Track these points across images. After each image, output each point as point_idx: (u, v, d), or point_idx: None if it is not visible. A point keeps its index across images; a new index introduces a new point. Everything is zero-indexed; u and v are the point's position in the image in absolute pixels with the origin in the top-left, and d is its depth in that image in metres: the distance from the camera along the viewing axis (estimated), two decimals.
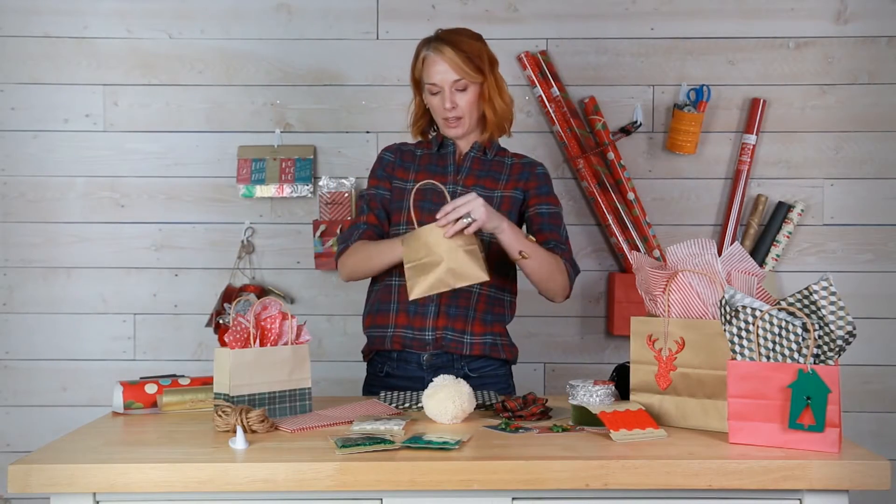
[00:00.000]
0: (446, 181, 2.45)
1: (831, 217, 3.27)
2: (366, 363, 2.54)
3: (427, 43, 2.42)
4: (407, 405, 2.17)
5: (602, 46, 3.27)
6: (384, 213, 2.48)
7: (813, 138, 3.27)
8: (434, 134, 2.54)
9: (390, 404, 2.19)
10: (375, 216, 2.47)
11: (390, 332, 2.42)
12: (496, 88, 2.43)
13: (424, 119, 2.52)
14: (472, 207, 2.19)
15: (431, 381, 2.31)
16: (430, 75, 2.39)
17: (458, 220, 2.18)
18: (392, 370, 2.44)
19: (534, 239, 2.40)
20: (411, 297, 2.21)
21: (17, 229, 3.29)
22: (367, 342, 2.50)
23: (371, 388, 2.50)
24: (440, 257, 2.19)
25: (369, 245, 2.42)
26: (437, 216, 2.20)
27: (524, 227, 2.51)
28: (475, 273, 2.19)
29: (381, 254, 2.38)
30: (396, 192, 2.48)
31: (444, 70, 2.37)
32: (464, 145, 2.50)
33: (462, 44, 2.39)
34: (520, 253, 2.30)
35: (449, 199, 2.26)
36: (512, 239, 2.29)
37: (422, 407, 2.08)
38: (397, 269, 2.41)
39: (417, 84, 2.47)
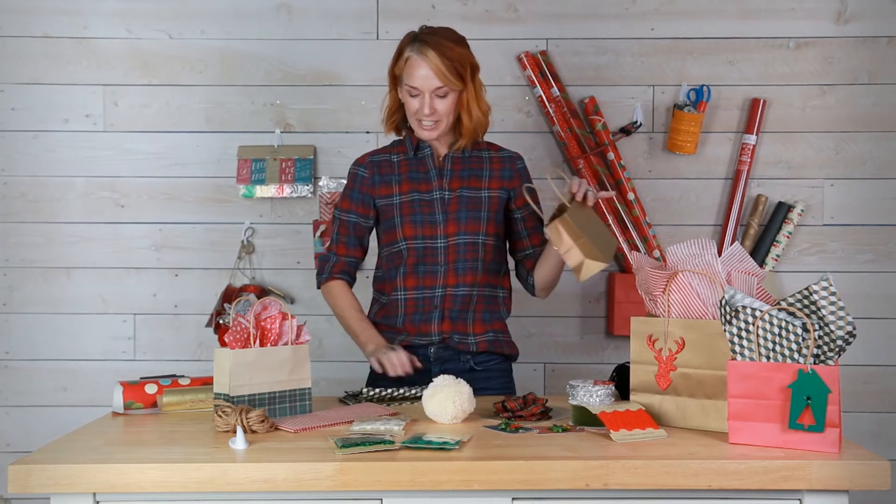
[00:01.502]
0: (431, 187, 2.46)
1: (831, 217, 3.27)
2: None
3: (412, 42, 2.40)
4: (398, 395, 2.22)
5: (602, 46, 3.27)
6: (354, 239, 2.51)
7: (813, 138, 3.27)
8: (407, 135, 2.52)
9: (378, 401, 2.22)
10: (345, 245, 2.50)
11: (398, 337, 2.47)
12: (475, 97, 2.42)
13: (399, 114, 2.50)
14: (585, 185, 2.30)
15: (437, 371, 2.36)
16: (412, 78, 2.38)
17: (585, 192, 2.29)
18: None
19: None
20: (595, 271, 2.21)
21: (17, 229, 3.29)
22: None
23: (379, 381, 2.46)
24: (599, 227, 2.30)
25: (348, 312, 2.49)
26: (574, 190, 2.27)
27: (513, 225, 2.53)
28: (612, 236, 2.36)
29: (353, 333, 2.48)
30: (385, 210, 2.48)
31: (427, 76, 2.36)
32: (441, 147, 2.50)
33: (447, 49, 2.37)
34: None
35: (567, 180, 2.32)
36: None
37: (417, 395, 2.11)
38: (402, 283, 2.45)
39: (395, 79, 2.45)
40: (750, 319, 1.80)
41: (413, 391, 2.26)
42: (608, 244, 2.28)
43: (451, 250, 2.43)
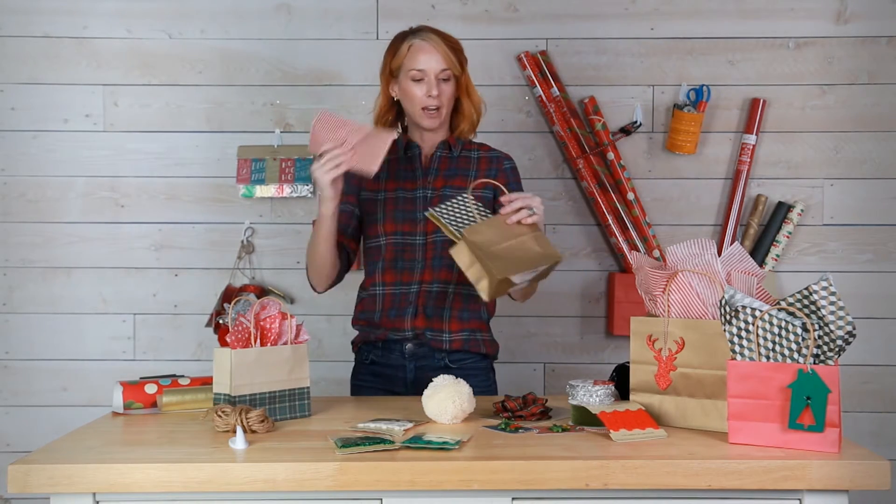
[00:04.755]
0: (416, 186, 2.47)
1: (831, 217, 3.27)
2: (354, 353, 2.58)
3: (414, 33, 2.45)
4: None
5: (602, 46, 3.27)
6: (348, 228, 2.50)
7: (813, 138, 3.27)
8: (399, 137, 2.53)
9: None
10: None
11: (376, 332, 2.48)
12: (471, 84, 2.49)
13: (391, 113, 2.52)
14: (535, 203, 2.25)
15: (412, 368, 2.41)
16: (418, 62, 2.41)
17: (519, 209, 2.24)
18: (377, 358, 2.49)
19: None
20: (508, 277, 2.17)
21: (17, 229, 3.29)
22: (357, 334, 2.56)
23: (358, 375, 2.55)
24: (516, 243, 2.22)
25: (309, 251, 2.46)
26: (502, 200, 2.25)
27: None
28: (552, 253, 2.23)
29: (315, 235, 2.39)
30: (368, 203, 2.49)
31: (434, 58, 2.40)
32: (428, 147, 2.51)
33: (448, 38, 2.46)
34: None
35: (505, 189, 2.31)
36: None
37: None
38: (380, 278, 2.46)
39: (390, 76, 2.47)
40: (750, 319, 1.80)
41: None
42: (522, 261, 2.20)
43: (428, 247, 2.44)
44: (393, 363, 2.47)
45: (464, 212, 2.29)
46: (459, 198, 2.31)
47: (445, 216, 2.26)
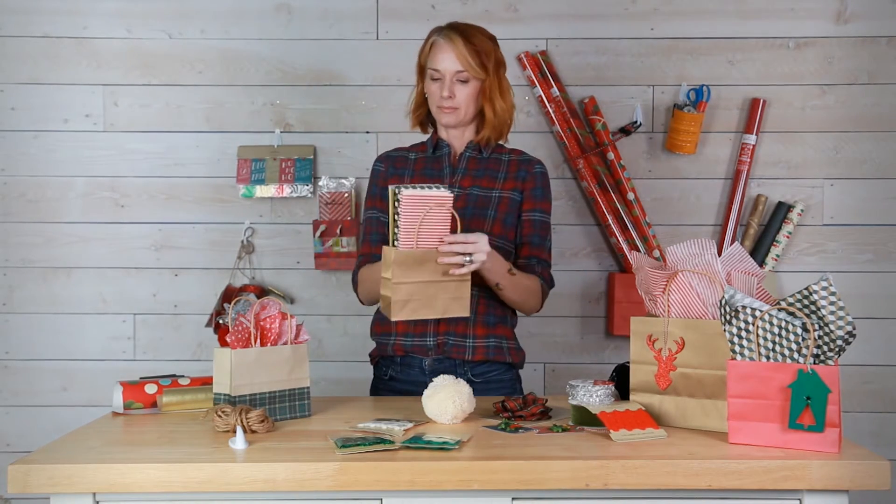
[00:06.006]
0: (443, 183, 2.42)
1: (831, 217, 3.27)
2: (373, 366, 2.53)
3: (440, 30, 2.42)
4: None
5: (602, 46, 3.27)
6: (377, 235, 2.46)
7: (813, 138, 3.27)
8: (430, 132, 2.52)
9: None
10: (369, 243, 2.46)
11: (392, 340, 2.42)
12: (498, 89, 2.41)
13: (423, 108, 2.48)
14: (477, 250, 2.18)
15: None
16: (435, 61, 2.37)
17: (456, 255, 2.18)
18: (396, 374, 2.44)
19: (515, 272, 2.36)
20: (394, 319, 2.17)
21: (17, 229, 3.29)
22: (375, 346, 2.50)
23: (377, 391, 2.50)
24: (430, 288, 2.18)
25: (368, 273, 2.41)
26: (445, 240, 2.17)
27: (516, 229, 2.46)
28: (462, 309, 2.21)
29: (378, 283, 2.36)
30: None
31: (449, 59, 2.36)
32: (458, 145, 2.47)
33: (474, 38, 2.39)
34: (496, 285, 2.33)
35: (459, 226, 2.21)
36: (493, 275, 2.30)
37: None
38: None
39: (422, 70, 2.44)
40: (750, 319, 1.80)
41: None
42: (417, 309, 2.17)
43: None
44: (413, 379, 2.41)
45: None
46: (436, 189, 2.21)
47: (405, 210, 2.15)
